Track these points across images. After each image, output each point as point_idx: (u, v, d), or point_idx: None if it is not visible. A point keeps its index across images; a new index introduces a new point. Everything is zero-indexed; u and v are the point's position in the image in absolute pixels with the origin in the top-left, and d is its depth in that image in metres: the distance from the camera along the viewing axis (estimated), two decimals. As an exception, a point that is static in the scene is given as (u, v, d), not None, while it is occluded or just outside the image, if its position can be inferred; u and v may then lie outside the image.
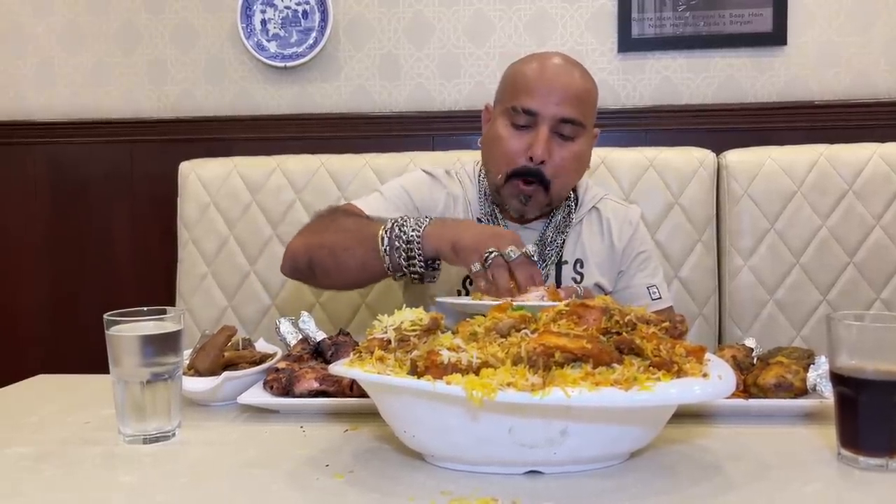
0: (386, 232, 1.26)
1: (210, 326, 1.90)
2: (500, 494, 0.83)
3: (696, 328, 1.97)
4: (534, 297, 1.17)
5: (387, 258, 1.26)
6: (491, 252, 1.18)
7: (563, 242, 1.55)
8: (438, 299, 1.28)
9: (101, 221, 2.39)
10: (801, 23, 2.21)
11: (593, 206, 1.60)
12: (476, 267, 1.19)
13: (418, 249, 1.24)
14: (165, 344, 1.01)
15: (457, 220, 1.35)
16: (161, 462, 0.96)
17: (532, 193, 1.45)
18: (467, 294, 1.50)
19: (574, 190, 1.60)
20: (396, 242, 1.25)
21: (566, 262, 1.54)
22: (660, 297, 1.57)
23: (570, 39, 2.27)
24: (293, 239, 1.44)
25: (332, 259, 1.33)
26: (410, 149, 2.12)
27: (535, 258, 1.20)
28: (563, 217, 1.56)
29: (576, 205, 1.59)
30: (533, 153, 1.42)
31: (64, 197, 2.40)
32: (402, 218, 1.28)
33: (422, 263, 1.25)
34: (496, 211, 1.55)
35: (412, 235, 1.24)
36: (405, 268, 1.25)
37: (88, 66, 2.39)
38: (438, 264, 1.28)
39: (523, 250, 1.19)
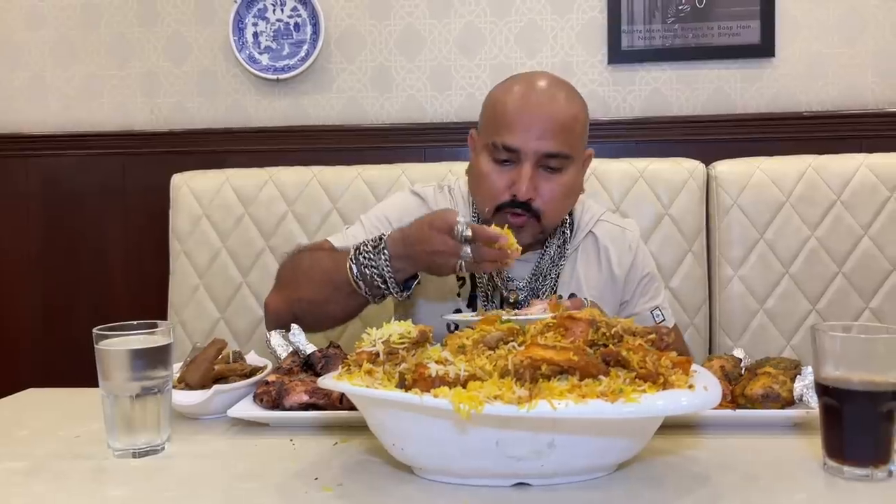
0: (355, 278, 1.29)
1: (202, 339, 1.90)
2: (488, 507, 0.84)
3: (686, 338, 1.97)
4: (537, 311, 1.17)
5: (370, 297, 1.32)
6: (460, 262, 1.22)
7: (558, 276, 1.49)
8: (445, 317, 1.29)
9: (94, 234, 2.39)
10: (788, 34, 2.23)
11: (589, 231, 1.53)
12: (462, 267, 1.23)
13: (393, 285, 1.29)
14: (155, 358, 1.01)
15: (406, 240, 1.29)
16: (150, 476, 0.96)
17: (523, 224, 1.39)
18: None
19: (570, 213, 1.54)
20: (374, 282, 1.29)
21: (561, 297, 1.45)
22: (664, 319, 1.53)
23: (560, 51, 2.29)
24: (270, 295, 1.45)
25: (318, 310, 1.34)
26: (402, 160, 2.13)
27: (469, 233, 1.22)
28: (558, 247, 1.50)
29: (571, 231, 1.53)
30: (517, 191, 1.37)
31: (56, 210, 2.40)
32: (362, 257, 1.29)
33: (401, 291, 1.30)
34: None
35: (385, 273, 1.28)
36: (388, 293, 1.31)
37: (81, 79, 2.40)
38: (416, 278, 1.33)
39: (457, 221, 1.21)
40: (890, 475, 0.89)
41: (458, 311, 1.49)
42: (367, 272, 1.29)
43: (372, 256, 1.28)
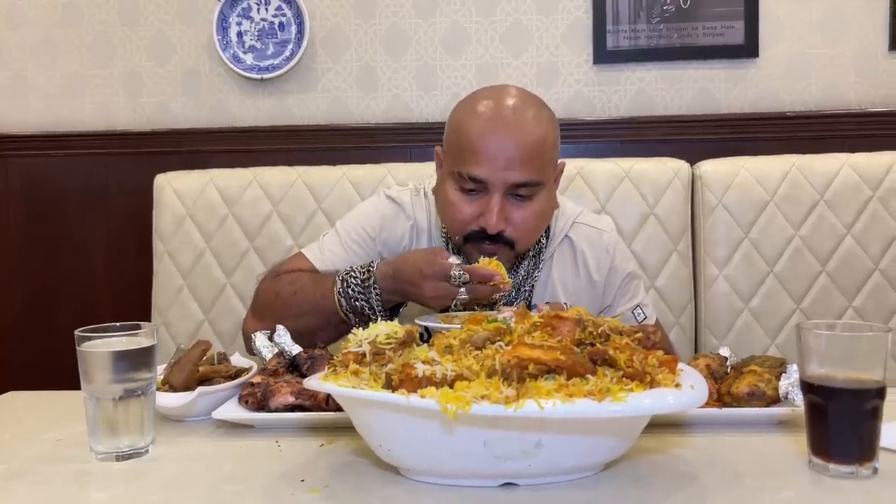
0: (345, 310, 1.34)
1: (186, 340, 1.88)
2: (476, 507, 0.83)
3: (672, 338, 1.98)
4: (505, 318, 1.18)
5: (359, 325, 1.32)
6: (454, 304, 1.27)
7: (533, 286, 1.47)
8: (419, 321, 1.29)
9: (76, 235, 2.36)
10: (772, 35, 2.24)
11: (565, 236, 1.50)
12: (460, 296, 1.26)
13: (382, 313, 1.33)
14: (138, 359, 1.00)
15: (398, 279, 1.30)
16: (134, 479, 0.95)
17: (496, 251, 1.34)
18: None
19: None
20: (364, 312, 1.32)
21: (535, 307, 1.45)
22: (645, 317, 1.53)
23: (545, 51, 2.29)
24: (248, 320, 1.44)
25: (304, 340, 1.29)
26: (388, 160, 2.13)
27: (466, 276, 1.26)
28: (533, 256, 1.47)
29: (547, 238, 1.49)
30: (486, 224, 1.31)
31: (38, 210, 2.38)
32: (350, 290, 1.33)
33: (388, 316, 1.34)
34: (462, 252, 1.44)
35: (375, 306, 1.32)
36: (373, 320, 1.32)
37: (62, 78, 2.37)
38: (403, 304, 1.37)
39: (455, 270, 1.25)
40: (875, 472, 0.90)
41: None
42: (357, 304, 1.33)
43: (361, 290, 1.32)
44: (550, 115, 1.38)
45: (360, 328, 1.30)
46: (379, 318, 1.31)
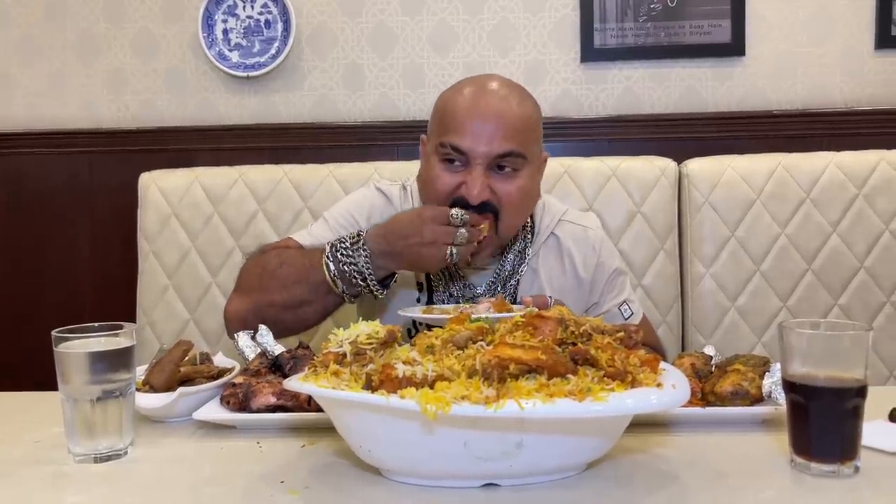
0: (332, 276, 1.28)
1: (172, 340, 1.87)
2: (456, 508, 0.83)
3: (659, 335, 1.98)
4: (482, 309, 1.18)
5: (347, 296, 1.31)
6: (451, 251, 1.23)
7: (518, 282, 1.46)
8: (401, 312, 1.28)
9: (60, 233, 2.34)
10: (759, 34, 2.24)
11: (552, 233, 1.50)
12: (453, 256, 1.24)
13: (372, 281, 1.28)
14: (116, 360, 0.99)
15: (389, 236, 1.27)
16: (112, 481, 0.94)
17: (481, 220, 1.30)
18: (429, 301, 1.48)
19: (531, 216, 1.50)
20: (352, 280, 1.28)
21: (520, 303, 1.41)
22: (632, 313, 1.52)
23: (532, 49, 2.28)
24: (231, 302, 1.39)
25: (291, 314, 1.30)
26: (375, 158, 2.12)
27: (465, 215, 1.25)
28: (519, 252, 1.46)
29: (532, 234, 1.49)
30: (467, 194, 1.30)
31: (21, 209, 2.35)
32: (340, 253, 1.28)
33: (378, 287, 1.29)
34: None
35: (364, 270, 1.27)
36: (363, 290, 1.30)
37: (46, 76, 2.35)
38: (393, 276, 1.31)
39: (455, 210, 1.25)
40: (856, 471, 0.90)
41: (417, 298, 1.49)
42: (346, 269, 1.27)
43: (350, 253, 1.26)
44: (534, 102, 1.40)
45: (348, 299, 1.30)
46: (370, 285, 1.28)
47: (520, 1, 2.27)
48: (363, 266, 1.26)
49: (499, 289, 1.46)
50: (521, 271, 1.47)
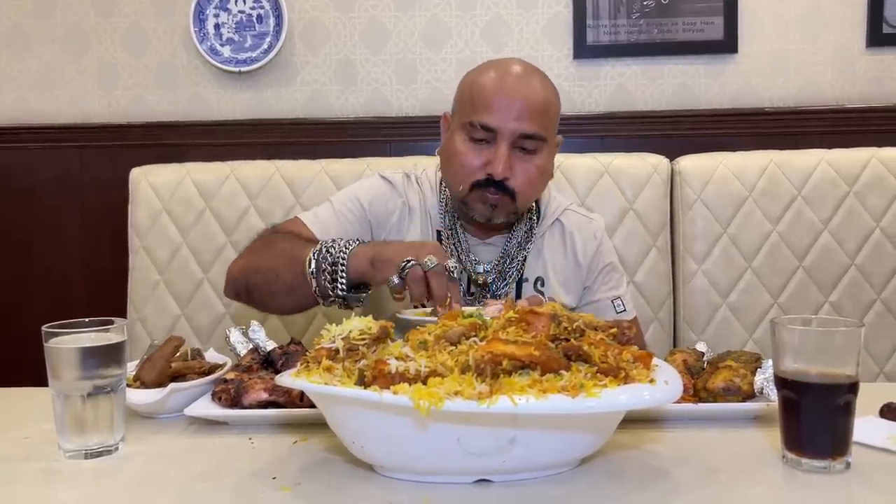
0: (314, 254, 1.23)
1: (163, 336, 1.86)
2: (449, 504, 0.83)
3: (651, 332, 1.98)
4: (493, 311, 1.16)
5: (313, 282, 1.22)
6: (408, 262, 1.15)
7: (525, 259, 1.50)
8: (399, 314, 1.27)
9: (50, 229, 2.33)
10: (751, 31, 2.25)
11: (556, 219, 1.55)
12: (394, 280, 1.16)
13: (342, 271, 1.21)
14: (107, 356, 0.98)
15: (386, 241, 1.30)
16: (103, 477, 0.93)
17: (498, 202, 1.40)
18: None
19: (537, 201, 1.55)
20: (323, 264, 1.22)
21: (527, 280, 1.50)
22: (624, 310, 1.54)
23: (525, 46, 2.28)
24: (233, 261, 1.42)
25: (265, 284, 1.31)
26: (367, 155, 2.11)
27: (456, 274, 1.17)
28: (525, 232, 1.51)
29: (538, 218, 1.54)
30: (493, 170, 1.37)
31: (10, 204, 2.33)
32: (332, 240, 1.25)
33: (344, 286, 1.21)
34: (457, 223, 1.50)
35: (338, 256, 1.21)
36: (331, 290, 1.21)
37: (36, 70, 2.33)
38: (366, 290, 1.25)
39: (446, 263, 1.15)
40: (847, 467, 0.90)
41: (423, 304, 1.45)
42: (325, 251, 1.23)
43: (339, 242, 1.24)
44: (555, 87, 1.47)
45: (317, 292, 1.23)
46: (338, 281, 1.21)
47: (513, -3, 2.27)
48: (339, 255, 1.21)
49: (506, 263, 1.49)
50: (528, 248, 1.51)
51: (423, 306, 1.29)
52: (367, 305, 1.27)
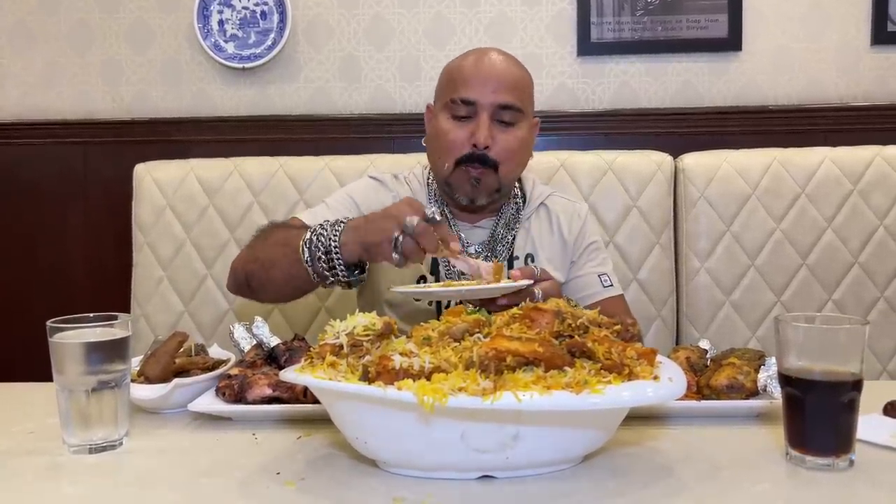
0: (305, 243, 1.23)
1: (166, 332, 1.86)
2: (453, 500, 0.83)
3: (654, 330, 1.98)
4: (486, 267, 1.18)
5: (310, 269, 1.23)
6: (396, 238, 1.14)
7: (514, 238, 1.56)
8: (394, 288, 1.27)
9: (54, 224, 2.33)
10: (755, 29, 2.24)
11: (541, 203, 1.61)
12: (396, 259, 1.15)
13: (338, 258, 1.21)
14: (112, 351, 0.99)
15: (364, 217, 1.26)
16: (107, 472, 0.93)
17: (481, 176, 1.47)
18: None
19: (521, 186, 1.62)
20: (317, 253, 1.22)
21: (517, 258, 1.55)
22: (611, 285, 1.57)
23: (530, 43, 2.28)
24: (236, 256, 1.45)
25: (265, 274, 1.33)
26: (370, 151, 2.11)
27: (438, 217, 1.16)
28: (513, 214, 1.58)
29: (524, 201, 1.61)
30: (476, 140, 1.45)
31: (15, 199, 2.34)
32: (320, 226, 1.25)
33: (344, 271, 1.21)
34: (446, 210, 1.56)
35: (330, 245, 1.21)
36: (330, 276, 1.22)
37: (40, 66, 2.33)
38: (364, 268, 1.26)
39: (424, 214, 1.15)
40: (851, 465, 0.90)
41: (423, 277, 1.52)
42: (316, 239, 1.23)
43: (327, 228, 1.24)
44: (529, 73, 1.56)
45: (314, 277, 1.24)
46: (335, 262, 1.21)
47: (517, -6, 2.26)
48: (330, 240, 1.21)
49: (495, 244, 1.54)
50: (517, 228, 1.57)
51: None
52: (367, 278, 1.35)
